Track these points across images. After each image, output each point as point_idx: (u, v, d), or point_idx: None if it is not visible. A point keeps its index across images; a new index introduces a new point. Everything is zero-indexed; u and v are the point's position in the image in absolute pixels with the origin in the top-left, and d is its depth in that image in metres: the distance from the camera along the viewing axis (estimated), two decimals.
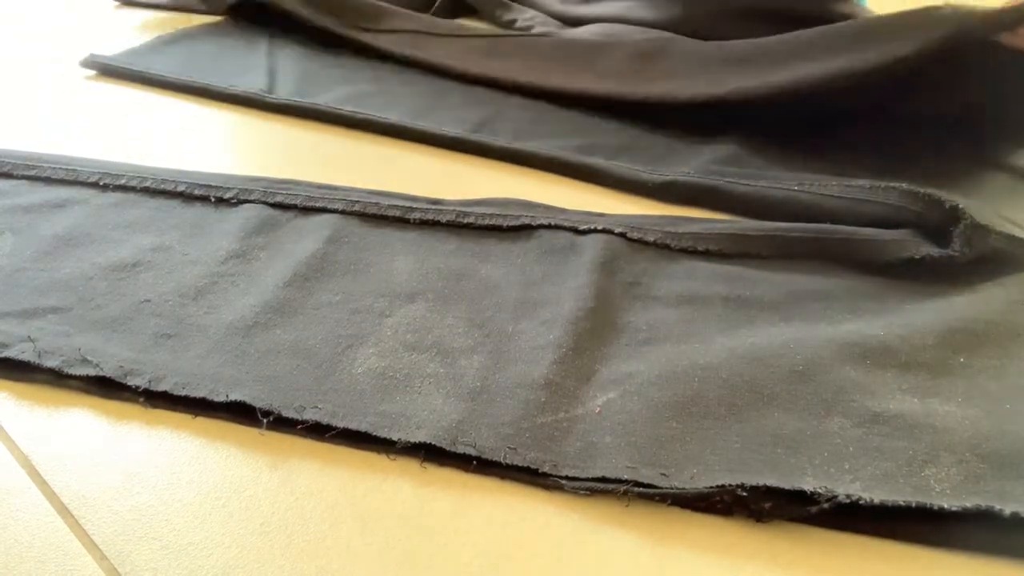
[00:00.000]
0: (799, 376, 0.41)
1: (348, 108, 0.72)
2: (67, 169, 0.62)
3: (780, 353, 0.42)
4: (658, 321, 0.46)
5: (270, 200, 0.59)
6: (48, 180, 0.62)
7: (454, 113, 0.72)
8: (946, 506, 0.34)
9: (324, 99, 0.74)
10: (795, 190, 0.57)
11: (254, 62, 0.82)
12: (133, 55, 0.84)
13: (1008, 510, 0.33)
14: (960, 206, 0.49)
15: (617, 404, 0.40)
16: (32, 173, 0.62)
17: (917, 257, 0.49)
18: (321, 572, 0.34)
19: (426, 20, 0.89)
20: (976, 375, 0.41)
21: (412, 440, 0.38)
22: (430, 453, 0.39)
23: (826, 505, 0.34)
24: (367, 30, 0.87)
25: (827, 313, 0.47)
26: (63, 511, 0.36)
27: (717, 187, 0.59)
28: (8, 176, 0.62)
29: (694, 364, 0.42)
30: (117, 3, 1.02)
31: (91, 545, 0.35)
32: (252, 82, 0.77)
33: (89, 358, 0.43)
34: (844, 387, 0.40)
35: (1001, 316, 0.45)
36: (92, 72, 0.82)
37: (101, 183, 0.61)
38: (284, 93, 0.76)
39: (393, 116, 0.71)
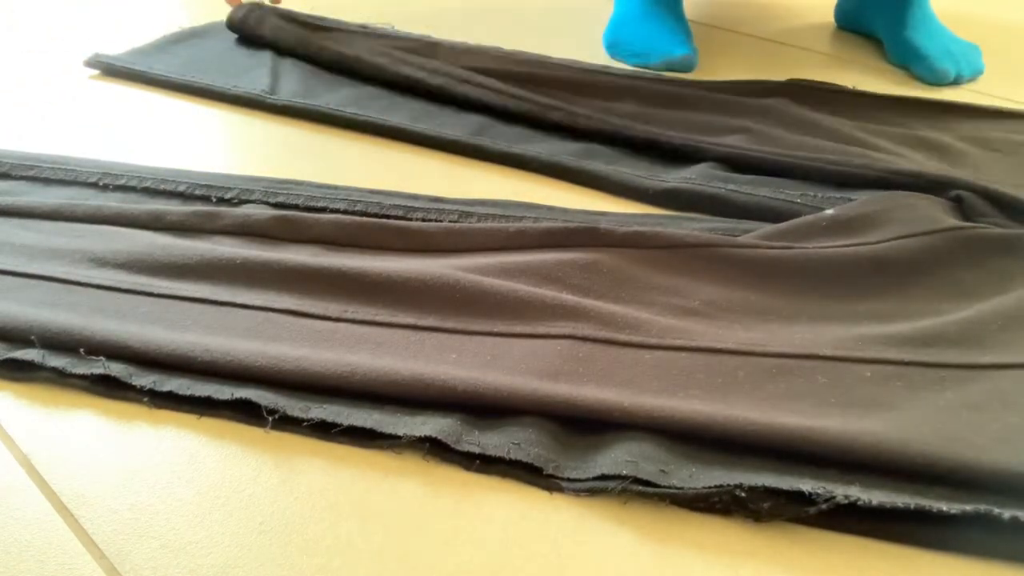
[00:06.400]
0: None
1: (350, 110, 0.72)
2: (66, 169, 0.62)
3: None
4: None
5: (271, 200, 0.59)
6: (47, 180, 0.62)
7: (456, 116, 0.72)
8: (945, 509, 0.34)
9: (327, 100, 0.74)
10: (797, 202, 0.58)
11: (258, 62, 0.83)
12: (137, 55, 0.84)
13: (1007, 514, 0.33)
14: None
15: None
16: (32, 173, 0.62)
17: None
18: (321, 570, 0.34)
19: None
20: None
21: (417, 434, 0.38)
22: (434, 449, 0.39)
23: (824, 506, 0.34)
24: None
25: None
26: (62, 510, 0.36)
27: (718, 195, 0.59)
28: (7, 176, 0.62)
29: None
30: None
31: (90, 543, 0.35)
32: (255, 82, 0.77)
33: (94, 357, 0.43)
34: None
35: None
36: (96, 71, 0.82)
37: (101, 183, 0.61)
38: (287, 94, 0.76)
39: (395, 118, 0.71)
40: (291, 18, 0.89)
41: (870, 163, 0.60)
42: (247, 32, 0.87)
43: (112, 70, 0.81)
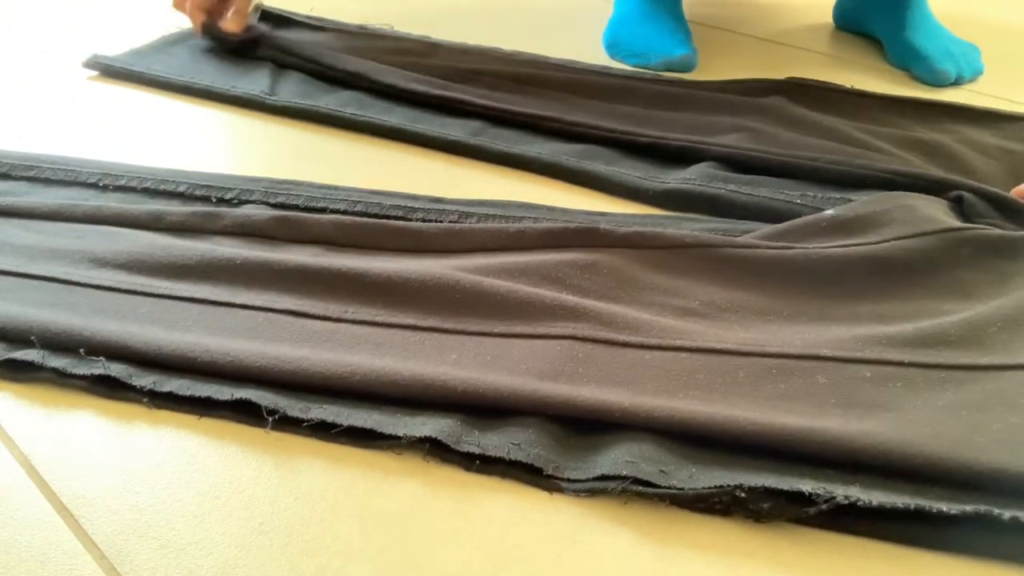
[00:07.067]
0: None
1: (350, 111, 0.72)
2: (66, 170, 0.62)
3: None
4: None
5: (271, 200, 0.59)
6: (47, 181, 0.62)
7: (456, 117, 0.72)
8: (945, 509, 0.34)
9: (327, 101, 0.74)
10: (797, 202, 0.58)
11: (258, 62, 0.82)
12: (136, 55, 0.84)
13: (1007, 514, 0.33)
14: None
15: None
16: (31, 174, 0.62)
17: None
18: (321, 571, 0.34)
19: None
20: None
21: (417, 434, 0.38)
22: (434, 450, 0.39)
23: (824, 506, 0.34)
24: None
25: None
26: (62, 510, 0.36)
27: (718, 196, 0.59)
28: (7, 177, 0.62)
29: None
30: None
31: (90, 544, 0.35)
32: (255, 83, 0.77)
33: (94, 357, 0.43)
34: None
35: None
36: (94, 72, 0.82)
37: (101, 184, 0.61)
38: (287, 94, 0.76)
39: (394, 119, 0.71)
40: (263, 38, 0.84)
41: (870, 163, 0.60)
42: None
43: (111, 71, 0.81)
